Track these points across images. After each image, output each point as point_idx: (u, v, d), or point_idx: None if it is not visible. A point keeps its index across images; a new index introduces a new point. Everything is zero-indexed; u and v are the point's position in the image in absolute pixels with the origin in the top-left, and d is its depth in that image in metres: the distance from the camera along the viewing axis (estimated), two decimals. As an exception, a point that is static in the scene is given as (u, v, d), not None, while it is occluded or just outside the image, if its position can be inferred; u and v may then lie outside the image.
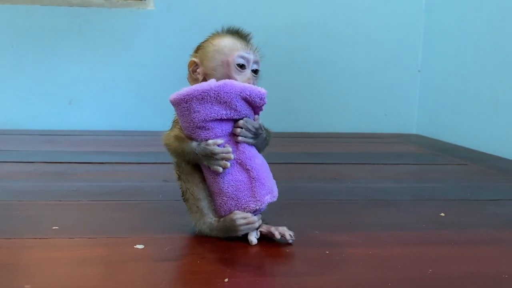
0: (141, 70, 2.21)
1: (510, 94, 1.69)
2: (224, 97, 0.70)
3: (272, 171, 0.77)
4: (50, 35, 2.16)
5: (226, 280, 0.61)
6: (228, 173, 0.73)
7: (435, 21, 2.24)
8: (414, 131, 2.36)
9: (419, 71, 2.35)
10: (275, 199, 0.75)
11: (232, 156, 0.72)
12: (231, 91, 0.70)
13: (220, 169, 0.72)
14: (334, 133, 2.24)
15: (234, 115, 0.72)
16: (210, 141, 0.72)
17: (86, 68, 2.19)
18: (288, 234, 0.74)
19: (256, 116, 0.75)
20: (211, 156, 0.72)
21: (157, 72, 2.18)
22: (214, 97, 0.70)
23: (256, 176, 0.73)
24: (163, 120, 0.85)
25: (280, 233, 0.74)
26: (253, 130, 0.74)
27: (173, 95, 0.72)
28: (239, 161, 0.74)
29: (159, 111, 0.75)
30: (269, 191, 0.74)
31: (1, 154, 1.54)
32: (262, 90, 0.72)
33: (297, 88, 2.30)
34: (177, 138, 0.75)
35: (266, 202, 0.73)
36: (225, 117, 0.72)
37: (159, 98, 0.77)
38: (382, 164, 1.52)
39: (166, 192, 1.06)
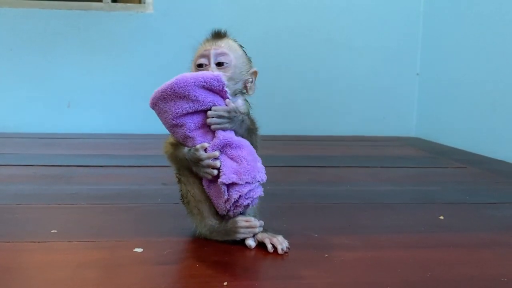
0: (140, 73, 2.21)
1: (507, 97, 1.69)
2: (180, 92, 0.71)
3: (271, 174, 0.77)
4: (49, 38, 2.16)
5: (225, 283, 0.61)
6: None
7: (434, 25, 2.25)
8: (412, 134, 2.37)
9: (417, 74, 2.36)
10: (241, 182, 0.71)
11: (218, 164, 0.72)
12: (185, 84, 0.71)
13: (209, 176, 0.72)
14: (333, 136, 2.24)
15: (198, 106, 0.72)
16: (198, 146, 0.72)
17: (85, 71, 2.19)
18: (280, 248, 0.72)
19: (227, 100, 0.74)
20: (198, 162, 0.72)
21: (156, 75, 2.16)
22: (173, 94, 0.71)
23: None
24: (161, 123, 0.85)
25: (273, 245, 0.73)
26: (226, 114, 0.73)
27: (149, 100, 0.73)
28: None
29: (155, 113, 0.75)
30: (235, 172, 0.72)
31: (0, 157, 1.54)
32: (216, 72, 0.72)
33: (296, 91, 2.30)
34: (172, 144, 0.76)
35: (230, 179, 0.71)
36: (190, 110, 0.72)
37: (158, 101, 0.77)
38: (380, 167, 1.52)
39: (164, 195, 1.06)
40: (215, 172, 0.72)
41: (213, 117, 0.73)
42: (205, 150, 0.72)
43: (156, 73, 2.18)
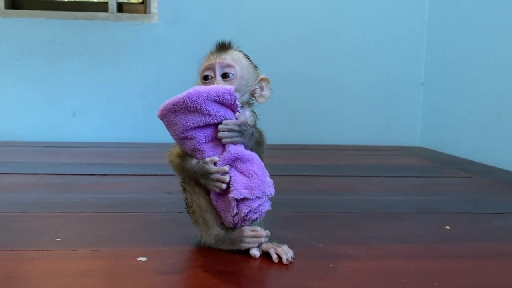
0: (145, 82, 2.22)
1: (514, 107, 1.69)
2: (192, 106, 0.70)
3: (275, 183, 0.77)
4: (55, 47, 2.18)
5: (230, 293, 0.61)
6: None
7: (438, 34, 2.25)
8: (417, 143, 2.36)
9: (422, 84, 2.36)
10: (252, 197, 0.72)
11: (227, 179, 0.72)
12: (197, 98, 0.70)
13: (217, 189, 0.72)
14: (337, 145, 2.24)
15: (210, 120, 0.72)
16: (207, 159, 0.72)
17: (90, 80, 2.21)
18: (285, 258, 0.72)
19: (237, 113, 0.74)
20: (207, 175, 0.72)
21: (161, 85, 2.19)
22: (184, 107, 0.71)
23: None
24: (166, 132, 0.86)
25: (278, 255, 0.73)
26: (237, 128, 0.73)
27: (158, 111, 0.73)
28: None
29: (162, 123, 0.75)
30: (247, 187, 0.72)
31: (5, 165, 1.55)
32: (228, 87, 0.72)
33: (300, 100, 2.30)
34: (179, 155, 0.76)
35: (242, 195, 0.71)
36: (201, 124, 0.72)
37: (162, 110, 0.77)
38: (385, 176, 1.52)
39: (169, 204, 1.06)
40: (224, 186, 0.71)
41: (224, 131, 0.72)
42: (215, 163, 0.72)
43: (161, 82, 2.20)
